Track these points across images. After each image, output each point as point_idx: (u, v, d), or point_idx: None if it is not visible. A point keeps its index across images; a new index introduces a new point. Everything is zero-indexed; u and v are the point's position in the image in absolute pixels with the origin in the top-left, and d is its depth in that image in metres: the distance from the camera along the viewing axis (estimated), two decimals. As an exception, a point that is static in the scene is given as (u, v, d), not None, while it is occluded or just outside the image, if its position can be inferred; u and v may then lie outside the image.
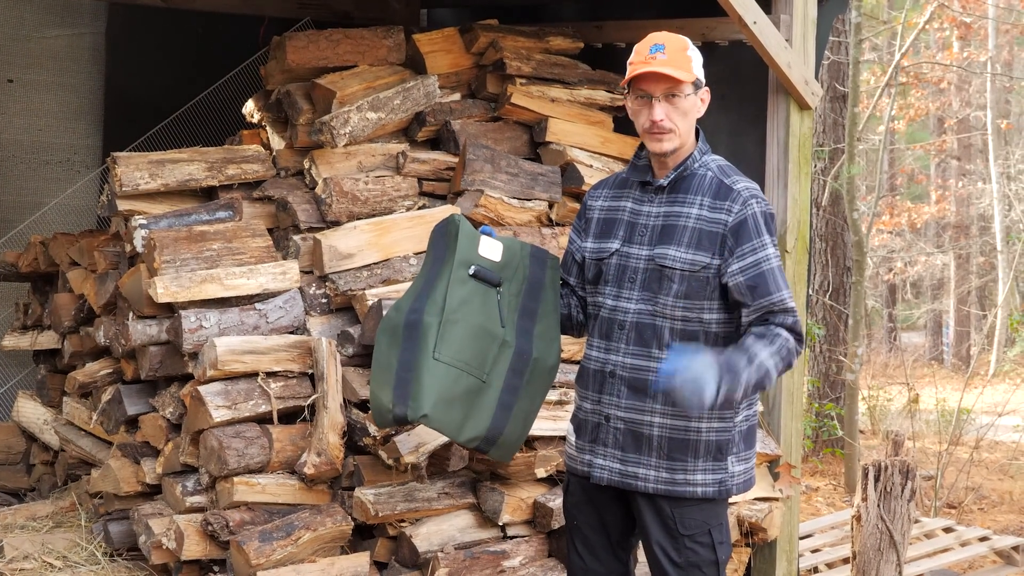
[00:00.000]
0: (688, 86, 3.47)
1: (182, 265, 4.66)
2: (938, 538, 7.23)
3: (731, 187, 3.48)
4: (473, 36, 5.57)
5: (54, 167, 7.33)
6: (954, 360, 23.36)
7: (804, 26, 5.26)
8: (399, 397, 3.58)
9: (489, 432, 3.63)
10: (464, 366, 3.58)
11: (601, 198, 3.71)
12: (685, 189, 3.52)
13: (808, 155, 5.32)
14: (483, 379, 3.60)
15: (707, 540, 3.52)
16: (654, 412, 3.48)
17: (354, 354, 4.74)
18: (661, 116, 3.47)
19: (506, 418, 3.64)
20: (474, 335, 3.59)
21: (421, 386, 3.54)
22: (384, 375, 3.63)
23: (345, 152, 5.16)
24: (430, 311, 3.58)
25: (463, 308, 3.59)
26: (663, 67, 3.43)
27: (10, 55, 7.19)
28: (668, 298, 3.46)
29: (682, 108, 3.48)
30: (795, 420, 5.33)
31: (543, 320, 3.68)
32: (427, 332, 3.56)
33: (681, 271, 3.45)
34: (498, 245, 3.69)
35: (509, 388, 3.63)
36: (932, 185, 24.87)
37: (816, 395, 11.49)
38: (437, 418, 3.56)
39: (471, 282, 3.62)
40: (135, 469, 4.90)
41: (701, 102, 3.54)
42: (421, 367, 3.54)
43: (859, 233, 10.76)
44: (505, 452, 3.73)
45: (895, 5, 18.96)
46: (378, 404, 3.64)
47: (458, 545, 4.50)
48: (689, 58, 3.48)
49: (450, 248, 3.66)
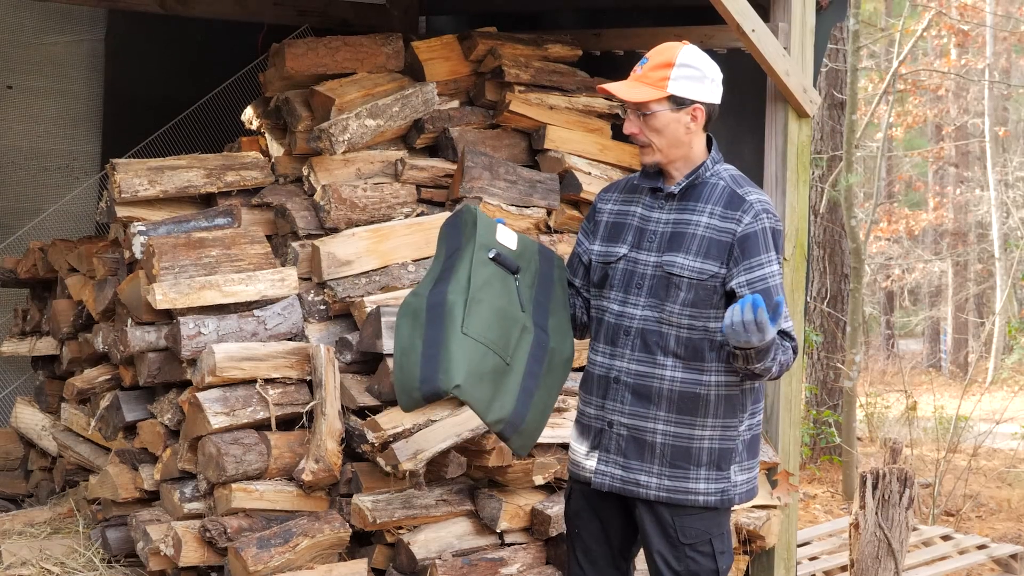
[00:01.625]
0: (655, 104, 3.44)
1: (181, 272, 4.66)
2: (936, 546, 7.24)
3: (744, 198, 3.47)
4: (472, 44, 5.58)
5: (53, 173, 7.33)
6: (952, 367, 23.35)
7: (802, 34, 5.26)
8: (428, 372, 3.40)
9: (513, 416, 3.47)
10: (491, 344, 3.44)
11: (611, 201, 3.69)
12: (696, 197, 3.51)
13: (806, 163, 5.33)
14: (507, 361, 3.47)
15: (708, 549, 3.52)
16: (657, 419, 3.48)
17: (352, 361, 4.74)
18: (632, 130, 3.48)
19: (528, 404, 3.51)
20: (498, 316, 3.47)
21: (451, 358, 3.37)
22: (409, 358, 3.46)
23: (344, 159, 5.16)
24: (454, 290, 3.45)
25: (486, 288, 3.48)
26: (621, 86, 3.45)
27: (9, 61, 7.20)
28: (675, 306, 3.46)
29: (654, 125, 3.46)
30: (793, 427, 5.33)
31: (555, 314, 3.62)
32: (453, 308, 3.42)
33: (689, 279, 3.44)
34: (513, 234, 3.64)
35: (531, 374, 3.51)
36: (930, 192, 24.87)
37: (814, 402, 11.50)
38: (469, 391, 3.38)
39: (491, 265, 3.51)
40: (133, 475, 4.89)
41: (692, 119, 3.48)
42: (450, 341, 3.39)
43: (857, 240, 10.78)
44: (525, 442, 3.58)
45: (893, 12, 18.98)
46: (406, 385, 3.45)
47: (456, 552, 4.50)
48: (666, 75, 3.43)
49: (467, 235, 3.57)
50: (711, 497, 3.51)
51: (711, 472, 3.50)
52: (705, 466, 3.49)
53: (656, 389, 3.48)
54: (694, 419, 3.48)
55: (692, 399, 3.48)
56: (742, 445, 3.55)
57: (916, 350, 25.73)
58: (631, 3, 6.37)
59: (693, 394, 3.48)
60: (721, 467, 3.51)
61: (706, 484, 3.50)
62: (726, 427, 3.51)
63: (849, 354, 10.66)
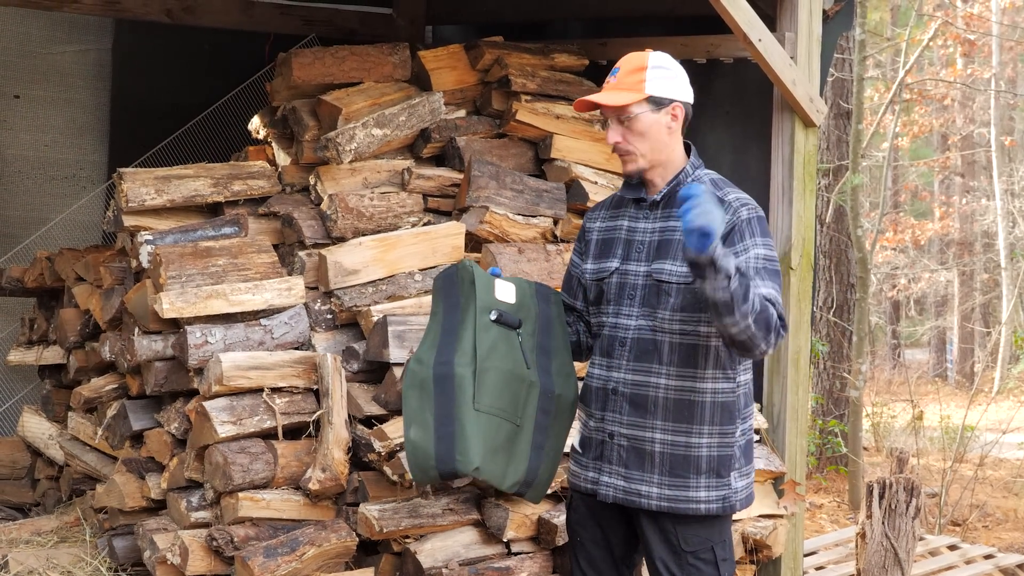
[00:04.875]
0: (636, 106, 3.46)
1: (188, 281, 4.67)
2: (943, 556, 7.22)
3: (722, 199, 3.48)
4: (478, 53, 5.59)
5: (60, 182, 7.34)
6: (958, 377, 23.32)
7: (809, 43, 5.26)
8: (444, 452, 3.43)
9: (527, 475, 3.55)
10: (502, 413, 3.48)
11: (599, 219, 3.73)
12: (679, 204, 3.53)
13: (813, 172, 5.32)
14: (517, 423, 3.51)
15: (710, 557, 3.52)
16: (655, 428, 3.49)
17: (359, 370, 4.74)
18: (616, 139, 3.50)
19: (540, 457, 3.57)
20: (506, 380, 3.50)
21: (467, 439, 3.42)
22: (421, 432, 3.47)
23: (350, 168, 5.17)
24: (460, 362, 3.46)
25: (492, 355, 3.50)
26: (600, 94, 3.47)
27: (17, 71, 7.22)
28: (666, 312, 3.47)
29: (637, 129, 3.48)
30: (799, 437, 5.33)
31: (557, 356, 3.65)
32: (462, 383, 3.44)
33: (678, 284, 3.45)
34: (511, 287, 3.65)
35: (540, 428, 3.56)
36: (936, 202, 24.88)
37: (820, 412, 11.49)
38: (487, 469, 3.44)
39: (494, 327, 3.54)
40: (140, 484, 4.90)
41: (672, 118, 3.50)
42: (463, 419, 3.42)
43: (863, 250, 10.76)
44: (538, 492, 3.65)
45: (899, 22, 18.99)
46: (421, 462, 3.48)
47: (462, 561, 4.49)
48: (642, 77, 3.46)
49: (465, 294, 3.58)
50: (712, 505, 3.51)
51: (711, 480, 3.50)
52: (705, 474, 3.50)
53: (652, 398, 3.49)
54: (691, 427, 3.49)
55: (688, 406, 3.48)
56: (739, 451, 3.57)
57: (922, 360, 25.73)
58: (637, 13, 6.38)
59: (688, 401, 3.48)
60: (721, 474, 3.51)
61: (707, 492, 3.50)
62: (723, 434, 3.51)
63: (855, 364, 10.64)
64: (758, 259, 3.41)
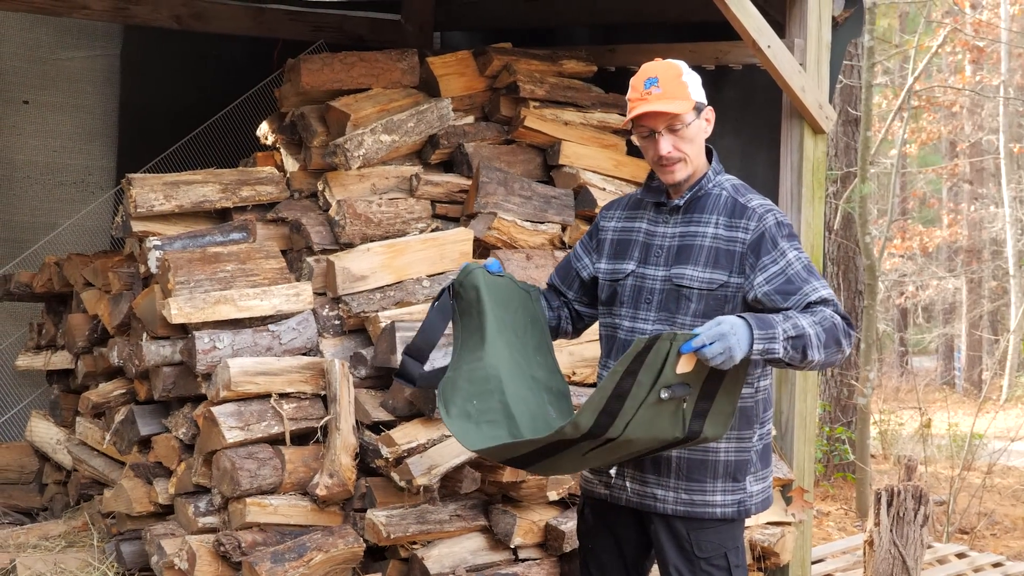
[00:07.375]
0: (689, 114, 3.46)
1: (196, 286, 4.67)
2: (951, 564, 7.20)
3: (746, 205, 3.48)
4: (487, 59, 5.59)
5: (68, 188, 7.35)
6: (966, 385, 23.29)
7: (818, 50, 5.26)
8: None
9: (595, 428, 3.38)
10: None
11: (615, 219, 3.70)
12: (700, 209, 3.52)
13: (822, 179, 5.32)
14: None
15: (723, 563, 3.51)
16: (671, 433, 3.48)
17: (367, 376, 4.74)
18: (668, 149, 3.48)
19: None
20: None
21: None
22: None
23: (359, 174, 5.18)
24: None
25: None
26: (658, 103, 3.43)
27: (26, 76, 7.23)
28: (686, 317, 3.45)
29: (687, 136, 3.48)
30: (807, 444, 5.32)
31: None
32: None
33: (699, 290, 3.44)
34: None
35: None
36: (944, 209, 24.83)
37: (828, 419, 11.47)
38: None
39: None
40: (148, 489, 4.90)
41: (707, 123, 3.53)
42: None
43: (871, 257, 10.75)
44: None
45: (908, 29, 18.98)
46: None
47: (470, 568, 4.49)
48: (685, 84, 3.47)
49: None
50: (728, 509, 3.50)
51: (728, 484, 3.50)
52: (722, 478, 3.49)
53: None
54: None
55: None
56: (756, 456, 3.55)
57: (930, 367, 25.70)
58: (646, 19, 6.37)
59: None
60: (737, 478, 3.51)
61: (723, 496, 3.49)
62: (741, 439, 3.50)
63: (863, 371, 10.62)
64: (800, 262, 3.41)
